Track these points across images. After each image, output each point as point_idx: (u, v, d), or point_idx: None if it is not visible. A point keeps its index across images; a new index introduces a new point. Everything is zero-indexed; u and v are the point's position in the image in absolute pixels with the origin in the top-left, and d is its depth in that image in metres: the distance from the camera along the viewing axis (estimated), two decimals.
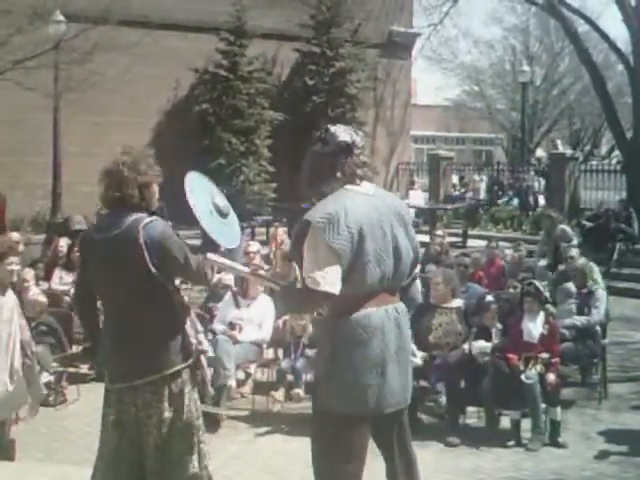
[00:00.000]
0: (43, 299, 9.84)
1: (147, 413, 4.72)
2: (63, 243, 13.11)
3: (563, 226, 16.16)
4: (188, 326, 4.93)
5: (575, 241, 15.66)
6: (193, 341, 4.91)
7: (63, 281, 12.08)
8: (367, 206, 4.33)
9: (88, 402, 9.24)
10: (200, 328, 8.09)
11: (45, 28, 19.05)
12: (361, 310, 4.27)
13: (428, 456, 6.84)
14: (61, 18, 19.36)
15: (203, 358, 5.18)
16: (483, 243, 15.19)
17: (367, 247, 4.23)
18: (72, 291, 11.56)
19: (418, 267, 4.74)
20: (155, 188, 4.83)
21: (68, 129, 20.18)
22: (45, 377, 8.69)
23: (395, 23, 27.32)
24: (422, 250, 12.86)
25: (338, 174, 4.40)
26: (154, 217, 4.73)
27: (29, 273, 10.73)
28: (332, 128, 4.46)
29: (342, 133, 4.45)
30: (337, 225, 4.18)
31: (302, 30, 24.44)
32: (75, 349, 10.26)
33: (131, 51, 19.62)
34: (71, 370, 9.80)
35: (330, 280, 4.17)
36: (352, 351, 4.25)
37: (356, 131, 4.56)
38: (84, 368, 10.33)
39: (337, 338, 4.30)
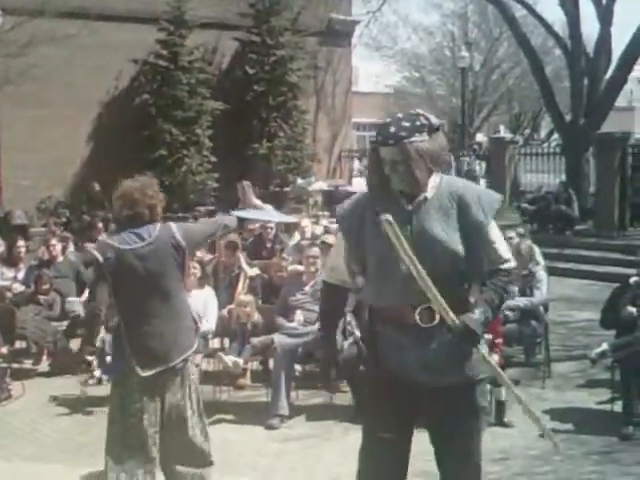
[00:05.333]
0: None
1: (173, 393, 5.44)
2: None
3: None
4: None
5: None
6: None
7: (4, 276, 11.94)
8: None
9: (33, 397, 9.21)
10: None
11: None
12: None
13: None
14: None
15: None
16: None
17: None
18: (11, 290, 11.51)
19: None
20: (159, 210, 5.57)
21: (6, 123, 19.91)
22: None
23: (334, 11, 27.25)
24: None
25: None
26: (172, 223, 5.64)
27: None
28: (428, 115, 4.13)
29: (435, 118, 4.20)
30: None
31: (242, 19, 24.30)
32: (18, 345, 10.18)
33: (70, 43, 19.40)
34: (15, 366, 9.73)
35: None
36: None
37: None
38: (28, 363, 10.28)
39: None
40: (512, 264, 4.28)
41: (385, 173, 4.06)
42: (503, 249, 4.26)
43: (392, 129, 4.02)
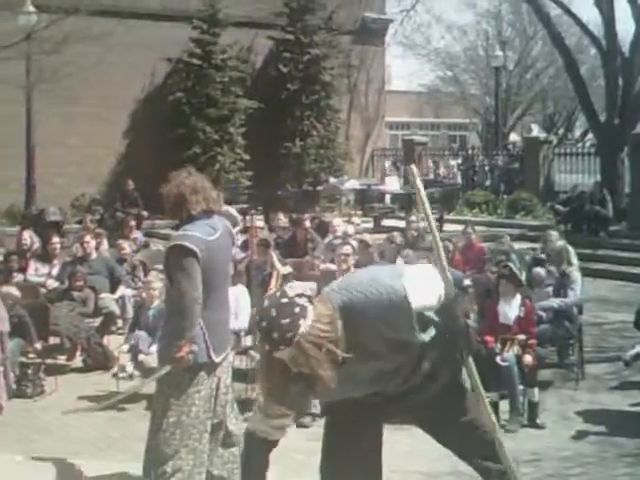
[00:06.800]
0: (15, 292, 9.67)
1: (224, 379, 5.63)
2: (27, 236, 13.07)
3: None
4: None
5: None
6: None
7: (39, 272, 12.03)
8: None
9: (66, 393, 9.25)
10: None
11: (16, 19, 18.94)
12: None
13: (405, 440, 6.84)
14: (32, 9, 19.26)
15: None
16: (459, 227, 15.22)
17: None
18: (45, 286, 11.58)
19: None
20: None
21: (41, 120, 20.05)
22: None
23: (368, 9, 27.28)
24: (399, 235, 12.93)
25: None
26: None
27: None
28: (300, 291, 3.68)
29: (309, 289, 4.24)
30: None
31: (276, 18, 24.39)
32: (52, 341, 10.23)
33: (104, 41, 19.51)
34: (49, 361, 9.78)
35: None
36: None
37: None
38: (62, 359, 10.33)
39: None
40: (441, 299, 3.94)
41: (292, 371, 3.54)
42: (431, 302, 3.91)
43: (275, 335, 3.46)
